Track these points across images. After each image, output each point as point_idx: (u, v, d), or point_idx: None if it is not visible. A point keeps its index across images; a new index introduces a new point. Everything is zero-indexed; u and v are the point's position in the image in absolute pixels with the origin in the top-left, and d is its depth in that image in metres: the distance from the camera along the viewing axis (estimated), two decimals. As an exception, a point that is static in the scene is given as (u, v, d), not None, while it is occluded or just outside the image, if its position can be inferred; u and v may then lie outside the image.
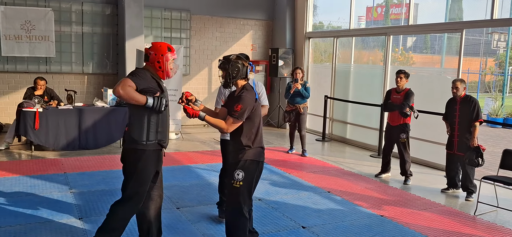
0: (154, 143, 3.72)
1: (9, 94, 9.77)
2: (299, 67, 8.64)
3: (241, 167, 3.80)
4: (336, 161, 8.34)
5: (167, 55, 3.71)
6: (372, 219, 5.32)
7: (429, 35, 25.34)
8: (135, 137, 3.68)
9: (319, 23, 12.81)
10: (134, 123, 3.70)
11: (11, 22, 9.48)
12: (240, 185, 3.80)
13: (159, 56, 3.69)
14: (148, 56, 3.73)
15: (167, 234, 4.61)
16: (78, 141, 8.26)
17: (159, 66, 3.71)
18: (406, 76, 6.85)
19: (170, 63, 3.74)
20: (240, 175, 3.80)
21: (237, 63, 3.85)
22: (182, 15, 11.16)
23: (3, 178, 6.30)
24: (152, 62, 3.71)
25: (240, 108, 3.73)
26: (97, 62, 10.43)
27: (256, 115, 3.86)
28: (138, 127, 3.68)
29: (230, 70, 3.83)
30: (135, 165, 3.70)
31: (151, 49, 3.74)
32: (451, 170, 6.52)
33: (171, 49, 3.76)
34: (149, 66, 3.74)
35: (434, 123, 7.79)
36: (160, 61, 3.70)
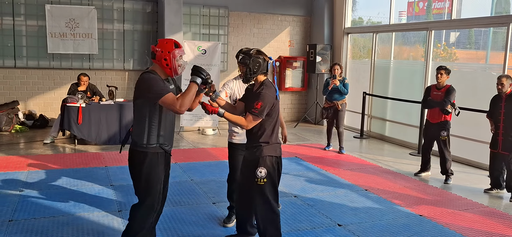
0: (156, 146, 3.62)
1: (55, 90, 10.14)
2: (338, 63, 8.52)
3: (263, 164, 3.79)
4: (374, 159, 8.20)
5: (175, 52, 3.56)
6: (410, 219, 5.20)
7: (473, 30, 24.40)
8: (136, 139, 3.61)
9: (358, 18, 12.60)
10: (135, 124, 3.63)
11: (57, 20, 9.83)
12: (264, 183, 3.79)
13: (166, 53, 3.55)
14: (154, 54, 3.59)
15: (203, 229, 4.67)
16: (119, 135, 8.47)
17: (166, 64, 3.56)
18: (447, 72, 6.64)
19: (177, 59, 3.58)
20: (263, 173, 3.79)
21: (258, 58, 3.80)
22: (220, 11, 11.24)
23: (48, 170, 6.55)
24: (159, 60, 3.57)
25: (260, 106, 3.69)
26: (137, 59, 10.67)
27: (274, 111, 3.83)
28: (140, 129, 3.59)
29: (251, 65, 3.77)
30: (140, 168, 3.62)
31: (157, 46, 3.60)
32: (495, 169, 6.29)
33: (178, 45, 3.62)
34: (156, 64, 3.61)
35: (477, 120, 7.53)
36: (167, 59, 3.55)
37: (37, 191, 5.59)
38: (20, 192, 5.54)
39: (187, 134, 9.98)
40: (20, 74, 9.91)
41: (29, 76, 9.97)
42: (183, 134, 9.95)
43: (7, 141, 8.51)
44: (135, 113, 3.64)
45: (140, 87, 3.53)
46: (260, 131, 3.81)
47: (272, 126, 3.85)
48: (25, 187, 5.72)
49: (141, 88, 3.52)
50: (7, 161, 6.98)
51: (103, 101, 8.58)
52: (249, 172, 3.87)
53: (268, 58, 3.88)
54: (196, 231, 4.58)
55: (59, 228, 4.53)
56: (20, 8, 9.70)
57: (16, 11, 9.67)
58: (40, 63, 9.95)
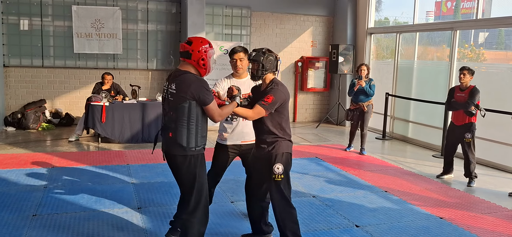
0: (201, 148, 3.61)
1: (80, 89, 10.37)
2: (365, 63, 8.31)
3: (280, 160, 3.82)
4: (396, 161, 8.10)
5: (211, 51, 3.53)
6: (430, 221, 5.12)
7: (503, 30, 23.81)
8: (183, 143, 3.49)
9: (384, 18, 12.47)
10: (178, 127, 3.49)
11: (83, 21, 10.05)
12: (281, 179, 3.83)
13: (203, 53, 3.47)
14: (189, 54, 3.47)
15: (220, 227, 4.71)
16: (142, 134, 8.61)
17: (203, 64, 3.49)
18: (470, 73, 6.50)
19: (212, 59, 3.56)
20: (280, 169, 3.83)
21: (271, 56, 3.85)
22: (243, 11, 11.29)
23: (72, 167, 6.71)
24: (196, 60, 3.47)
25: (272, 100, 3.71)
26: (160, 59, 10.82)
27: (286, 109, 3.88)
28: (186, 132, 3.49)
29: (264, 62, 3.79)
30: (194, 173, 3.58)
31: (192, 46, 3.48)
32: None
33: (211, 44, 3.58)
34: (189, 64, 3.51)
35: (503, 122, 7.35)
36: (204, 59, 3.48)
37: (60, 187, 5.73)
38: (45, 188, 5.69)
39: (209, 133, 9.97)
40: (47, 74, 10.17)
41: (56, 75, 10.22)
42: (205, 133, 10.01)
43: (34, 139, 8.75)
44: (180, 116, 3.46)
45: (191, 88, 3.41)
46: (274, 127, 3.83)
47: (286, 123, 3.89)
48: (49, 183, 5.87)
49: (192, 89, 3.41)
50: (34, 158, 7.18)
51: (126, 100, 8.73)
52: (264, 169, 3.89)
53: (278, 57, 3.93)
54: (214, 229, 4.62)
55: (80, 223, 4.64)
56: (47, 9, 9.96)
57: (44, 12, 9.94)
58: (66, 63, 10.19)
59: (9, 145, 8.09)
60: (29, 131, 9.41)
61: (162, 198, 5.51)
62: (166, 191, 5.74)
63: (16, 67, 9.94)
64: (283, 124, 3.87)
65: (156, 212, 5.03)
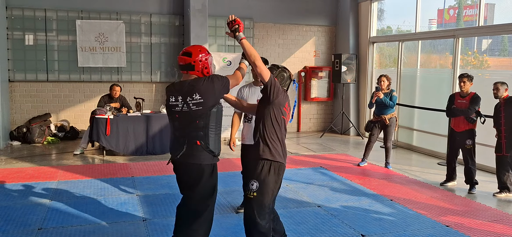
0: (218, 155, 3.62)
1: (85, 102, 10.43)
2: (385, 75, 7.96)
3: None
4: (401, 169, 8.08)
5: (210, 58, 3.58)
6: (436, 229, 5.10)
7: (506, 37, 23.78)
8: (213, 149, 3.51)
9: (386, 27, 12.50)
10: (208, 133, 3.49)
11: (87, 35, 10.14)
12: (253, 196, 3.75)
13: (204, 61, 3.51)
14: (192, 66, 3.49)
15: (225, 238, 4.71)
16: (146, 146, 8.63)
17: (207, 72, 3.54)
18: (469, 79, 6.55)
19: (212, 65, 3.62)
20: (254, 186, 3.76)
21: (284, 73, 3.90)
22: (245, 23, 11.35)
23: (77, 180, 6.74)
24: (200, 70, 3.50)
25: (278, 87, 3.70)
26: (164, 71, 10.88)
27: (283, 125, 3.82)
28: (214, 137, 3.52)
29: (276, 76, 3.85)
30: (214, 182, 3.60)
31: (193, 57, 3.49)
32: (502, 173, 6.41)
33: (207, 50, 3.61)
34: (193, 75, 3.53)
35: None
36: (207, 67, 3.53)
37: (66, 201, 5.75)
38: (50, 201, 5.71)
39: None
40: (52, 88, 10.24)
41: (60, 89, 10.29)
42: (209, 144, 10.03)
43: (39, 152, 8.79)
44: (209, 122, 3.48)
45: (214, 90, 3.45)
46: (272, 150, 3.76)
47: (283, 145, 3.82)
48: (55, 197, 5.89)
49: (215, 89, 3.46)
50: (39, 172, 7.22)
51: (130, 113, 8.77)
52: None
53: (292, 77, 3.98)
54: (218, 240, 4.62)
55: (86, 236, 4.65)
56: (52, 24, 10.05)
57: (49, 27, 10.03)
58: (71, 77, 10.27)
59: (14, 159, 8.13)
60: (34, 145, 9.46)
61: (167, 210, 5.51)
62: (171, 203, 5.74)
63: (21, 81, 10.02)
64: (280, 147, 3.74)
65: (161, 224, 5.03)
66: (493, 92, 6.36)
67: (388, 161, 8.09)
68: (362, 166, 8.14)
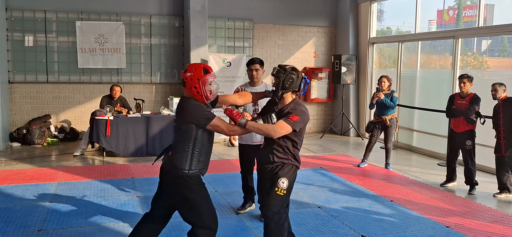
0: (196, 172, 3.55)
1: (85, 103, 10.42)
2: (386, 75, 7.96)
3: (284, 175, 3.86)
4: (401, 170, 8.08)
5: (204, 78, 3.46)
6: (436, 230, 5.10)
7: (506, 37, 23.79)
8: (177, 164, 3.50)
9: (386, 28, 12.50)
10: (178, 148, 3.52)
11: (86, 36, 10.14)
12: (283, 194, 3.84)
13: (195, 81, 3.44)
14: (184, 82, 3.48)
15: (225, 239, 4.70)
16: (146, 147, 8.63)
17: (196, 91, 3.46)
18: (469, 80, 6.56)
19: (208, 86, 3.48)
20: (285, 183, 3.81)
21: (293, 75, 3.79)
22: (245, 24, 11.36)
23: (77, 182, 6.73)
24: (189, 88, 3.47)
25: (297, 119, 3.69)
26: (164, 72, 10.88)
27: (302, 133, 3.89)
28: (182, 154, 3.50)
29: (284, 80, 3.77)
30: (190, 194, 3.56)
31: (187, 72, 3.49)
32: (501, 173, 6.41)
33: (208, 70, 3.51)
34: (187, 91, 3.53)
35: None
36: (197, 86, 3.44)
37: (66, 202, 5.75)
38: (50, 203, 5.71)
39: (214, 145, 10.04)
40: (52, 89, 10.24)
41: (60, 90, 10.29)
42: (209, 145, 10.02)
43: (39, 154, 8.78)
44: (178, 137, 3.52)
45: (186, 112, 3.47)
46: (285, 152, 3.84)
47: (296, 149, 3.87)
48: (54, 198, 5.89)
49: (188, 113, 3.47)
50: (39, 173, 7.21)
51: (130, 114, 8.77)
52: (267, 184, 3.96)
53: (302, 76, 3.86)
54: (218, 242, 4.61)
55: (85, 237, 4.65)
56: (52, 25, 10.05)
57: (49, 28, 10.03)
58: (71, 78, 10.27)
59: (14, 161, 8.12)
60: (34, 147, 9.45)
61: (167, 211, 5.50)
62: (171, 204, 5.73)
63: (21, 83, 10.02)
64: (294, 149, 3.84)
65: (161, 225, 5.02)
66: (492, 93, 6.38)
67: (388, 162, 8.09)
68: (362, 167, 8.13)
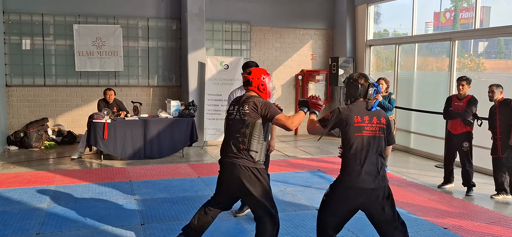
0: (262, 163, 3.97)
1: (82, 106, 10.42)
2: (383, 77, 8.01)
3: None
4: (399, 172, 8.10)
5: (266, 79, 4.08)
6: (434, 232, 5.12)
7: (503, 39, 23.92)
8: (254, 156, 3.89)
9: (383, 30, 12.55)
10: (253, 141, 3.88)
11: (84, 39, 10.14)
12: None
13: (261, 80, 4.04)
14: (250, 82, 4.05)
15: (223, 242, 4.70)
16: (144, 150, 8.62)
17: (263, 89, 4.05)
18: (468, 82, 6.60)
19: (269, 85, 4.08)
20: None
21: (358, 83, 3.81)
22: (242, 27, 11.37)
23: (75, 185, 6.73)
24: (256, 86, 4.04)
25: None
26: (161, 75, 10.88)
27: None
28: (258, 146, 3.90)
29: (348, 89, 3.87)
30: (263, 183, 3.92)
31: (251, 75, 4.05)
32: (499, 175, 6.45)
33: (266, 72, 4.12)
34: (251, 90, 4.05)
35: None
36: (263, 84, 4.05)
37: (63, 205, 5.74)
38: (48, 206, 5.70)
39: (211, 148, 10.07)
40: (49, 92, 10.23)
41: (58, 93, 10.28)
42: (207, 148, 10.05)
43: (37, 157, 8.77)
44: (254, 131, 3.87)
45: (260, 107, 3.87)
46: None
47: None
48: (52, 201, 5.88)
49: (261, 107, 3.87)
50: (36, 176, 7.20)
51: (128, 117, 8.77)
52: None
53: (367, 83, 3.83)
54: (216, 244, 4.62)
55: (83, 241, 4.65)
56: (49, 28, 10.05)
57: (46, 32, 10.03)
58: (68, 81, 10.26)
59: (12, 164, 8.11)
60: (31, 150, 9.44)
61: (165, 214, 5.51)
62: (169, 207, 5.74)
63: (18, 86, 10.01)
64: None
65: (159, 228, 5.03)
66: (489, 95, 6.40)
67: (385, 164, 8.08)
68: None
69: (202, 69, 10.16)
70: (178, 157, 8.95)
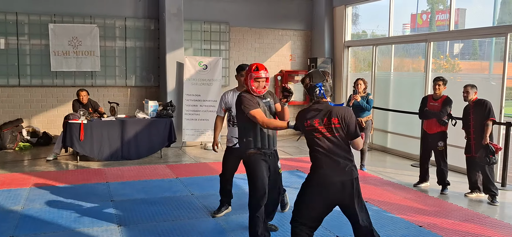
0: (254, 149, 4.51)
1: (58, 107, 10.24)
2: (361, 78, 8.09)
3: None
4: (376, 171, 8.20)
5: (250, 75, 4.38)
6: (409, 230, 5.19)
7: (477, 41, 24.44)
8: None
9: (362, 32, 12.68)
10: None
11: (60, 39, 9.97)
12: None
13: (246, 77, 4.40)
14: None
15: (201, 242, 4.69)
16: (121, 151, 8.53)
17: (247, 84, 4.41)
18: (444, 83, 6.73)
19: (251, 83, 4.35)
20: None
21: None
22: (221, 27, 11.35)
23: (50, 187, 6.61)
24: (244, 83, 4.49)
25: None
26: (139, 75, 10.78)
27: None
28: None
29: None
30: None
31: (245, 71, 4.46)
32: (472, 173, 6.60)
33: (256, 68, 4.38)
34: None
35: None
36: (246, 80, 4.41)
37: (38, 208, 5.64)
38: (22, 208, 5.59)
39: (189, 149, 10.03)
40: (24, 92, 10.03)
41: (33, 94, 10.09)
42: (186, 149, 10.00)
43: (11, 159, 8.59)
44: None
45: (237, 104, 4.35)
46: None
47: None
48: (27, 204, 5.77)
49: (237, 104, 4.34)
50: (11, 178, 7.06)
51: (105, 117, 8.66)
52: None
53: (310, 83, 3.82)
54: (194, 245, 4.60)
55: (59, 243, 4.57)
56: (24, 27, 9.86)
57: (20, 31, 9.83)
58: (43, 81, 10.08)
59: (-16, 166, 7.93)
60: (6, 151, 9.24)
61: (143, 215, 5.46)
62: (146, 208, 5.69)
63: (-9, 86, 9.80)
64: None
65: (136, 230, 4.98)
66: (463, 95, 6.52)
67: (363, 163, 8.19)
68: None
69: (181, 69, 10.11)
70: (156, 158, 8.89)
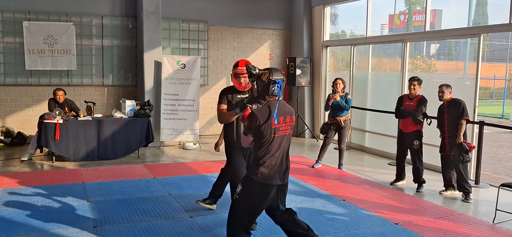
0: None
1: (33, 106, 10.04)
2: (340, 77, 8.12)
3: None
4: (354, 170, 8.28)
5: (233, 70, 4.76)
6: (386, 227, 5.25)
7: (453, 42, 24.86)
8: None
9: (341, 32, 12.78)
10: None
11: (35, 37, 9.77)
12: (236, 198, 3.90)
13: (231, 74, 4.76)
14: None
15: (179, 242, 4.65)
16: (97, 151, 8.41)
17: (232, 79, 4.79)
18: (419, 83, 6.84)
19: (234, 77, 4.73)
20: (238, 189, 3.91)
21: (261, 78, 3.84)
22: (199, 26, 11.30)
23: (24, 188, 6.47)
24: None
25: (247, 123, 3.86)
26: (116, 74, 10.65)
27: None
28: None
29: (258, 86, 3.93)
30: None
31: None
32: (446, 171, 6.70)
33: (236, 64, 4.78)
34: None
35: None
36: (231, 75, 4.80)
37: (12, 209, 5.51)
38: (-6, 210, 5.46)
39: (168, 148, 9.95)
40: (-3, 92, 9.81)
41: (6, 93, 9.87)
42: (164, 148, 9.92)
43: (-17, 159, 8.39)
44: None
45: None
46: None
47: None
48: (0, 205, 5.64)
49: None
50: (-18, 179, 6.89)
51: (81, 117, 8.53)
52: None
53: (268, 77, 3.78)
54: (171, 245, 4.57)
55: (32, 245, 4.48)
56: (-3, 25, 9.64)
57: (-7, 28, 9.61)
58: (17, 80, 9.87)
59: (-45, 167, 7.72)
60: (-22, 152, 9.03)
61: (118, 216, 5.39)
62: (122, 209, 5.62)
63: (-37, 85, 9.54)
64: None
65: (113, 231, 4.92)
66: (439, 94, 6.62)
67: (341, 162, 8.26)
68: (317, 168, 8.26)
69: (159, 68, 10.02)
70: (134, 157, 8.79)
